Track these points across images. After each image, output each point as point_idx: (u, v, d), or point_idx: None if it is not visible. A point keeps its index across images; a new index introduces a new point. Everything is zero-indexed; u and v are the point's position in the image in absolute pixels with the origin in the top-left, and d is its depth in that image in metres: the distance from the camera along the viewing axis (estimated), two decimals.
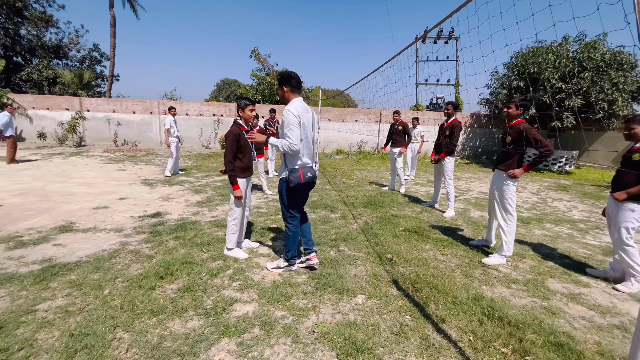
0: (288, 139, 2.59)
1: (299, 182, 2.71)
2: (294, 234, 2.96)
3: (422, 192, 6.83)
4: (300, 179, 2.71)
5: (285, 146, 2.60)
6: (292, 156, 2.74)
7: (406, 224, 4.47)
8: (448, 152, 5.10)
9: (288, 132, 2.59)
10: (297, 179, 2.70)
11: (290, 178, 2.69)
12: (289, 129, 2.59)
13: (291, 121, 2.60)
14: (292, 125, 2.60)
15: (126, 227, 4.00)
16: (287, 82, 2.74)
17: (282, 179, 2.83)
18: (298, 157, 2.76)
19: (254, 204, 5.30)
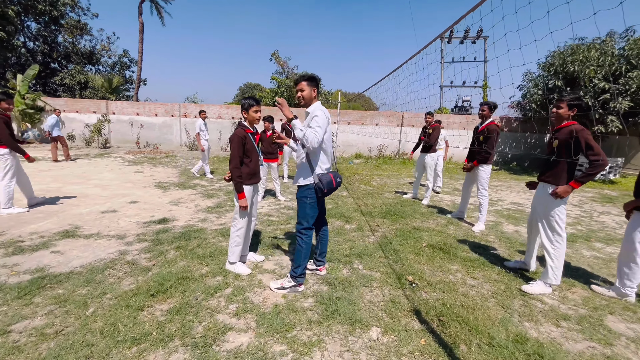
0: (314, 134, 2.37)
1: (332, 187, 2.53)
2: (306, 248, 2.65)
3: (447, 202, 6.28)
4: (333, 184, 2.53)
5: (310, 135, 2.36)
6: (317, 159, 2.55)
7: (430, 238, 4.00)
8: (482, 160, 4.55)
9: (315, 125, 2.42)
10: (329, 184, 2.51)
11: (322, 183, 2.49)
12: (317, 126, 2.42)
13: (321, 122, 2.43)
14: (320, 124, 2.43)
15: (129, 233, 3.82)
16: (317, 84, 2.61)
17: (308, 187, 2.57)
18: (325, 161, 2.59)
19: (265, 211, 5.01)
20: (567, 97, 2.81)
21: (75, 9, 22.20)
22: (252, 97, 2.86)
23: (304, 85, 2.54)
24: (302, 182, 2.58)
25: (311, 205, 2.60)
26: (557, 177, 2.81)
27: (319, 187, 2.50)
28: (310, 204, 2.60)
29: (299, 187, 2.64)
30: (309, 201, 2.59)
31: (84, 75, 17.97)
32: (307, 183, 2.55)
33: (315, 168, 2.55)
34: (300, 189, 2.63)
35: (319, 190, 2.52)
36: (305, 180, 2.56)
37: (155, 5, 20.87)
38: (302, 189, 2.60)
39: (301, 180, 2.59)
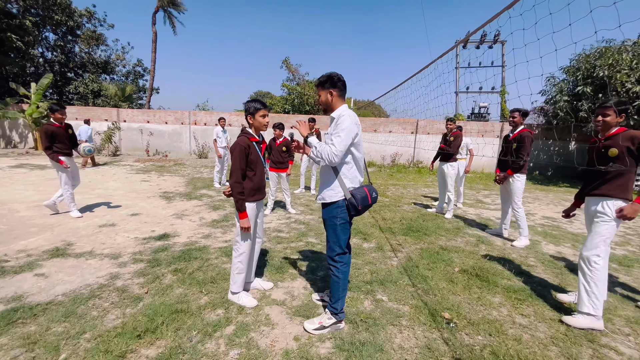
0: (331, 146, 2.01)
1: (367, 204, 2.13)
2: (344, 277, 2.23)
3: (472, 215, 5.74)
4: (368, 199, 2.13)
5: (325, 153, 2.01)
6: (348, 171, 2.16)
7: (461, 261, 3.50)
8: (515, 169, 4.08)
9: (334, 138, 2.03)
10: (364, 200, 2.12)
11: (356, 199, 2.10)
12: (337, 135, 2.03)
13: (346, 128, 2.03)
14: (345, 132, 2.02)
15: (125, 252, 3.45)
16: (334, 84, 2.17)
17: (337, 204, 2.16)
18: (356, 173, 2.21)
19: (274, 226, 4.59)
20: (613, 103, 2.47)
21: (91, 20, 22.77)
22: (258, 100, 2.47)
23: (318, 90, 2.24)
24: (331, 199, 2.15)
25: (342, 226, 2.18)
26: (621, 190, 2.40)
27: (352, 204, 2.09)
28: (341, 225, 2.17)
29: (326, 205, 2.21)
30: (340, 222, 2.16)
31: (97, 84, 18.19)
32: (337, 199, 2.14)
33: (346, 181, 2.14)
34: (327, 208, 2.20)
35: (351, 207, 2.10)
36: (334, 197, 2.14)
37: (168, 15, 21.15)
38: (331, 208, 2.17)
39: (329, 197, 2.16)
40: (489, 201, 7.20)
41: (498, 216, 5.76)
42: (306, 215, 5.29)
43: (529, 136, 4.01)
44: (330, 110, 2.22)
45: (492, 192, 8.39)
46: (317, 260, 3.43)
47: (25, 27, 14.96)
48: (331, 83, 2.16)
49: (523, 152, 4.03)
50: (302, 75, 16.81)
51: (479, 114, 17.44)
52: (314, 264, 3.34)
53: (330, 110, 2.21)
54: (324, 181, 2.23)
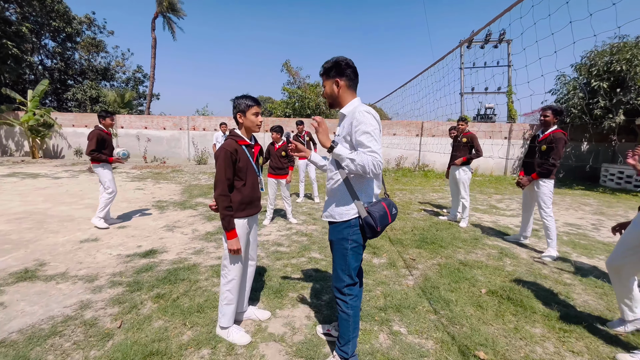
0: (371, 154, 1.56)
1: (386, 223, 1.73)
2: (354, 314, 1.80)
3: (487, 222, 5.29)
4: (388, 218, 1.73)
5: (369, 164, 1.55)
6: (363, 183, 1.76)
7: (487, 280, 3.05)
8: (543, 173, 3.65)
9: (368, 142, 1.59)
10: (383, 219, 1.71)
11: (374, 218, 1.66)
12: (369, 137, 1.60)
13: (371, 127, 1.61)
14: (376, 130, 1.62)
15: (104, 272, 3.04)
16: (342, 71, 1.73)
17: (349, 223, 1.74)
18: (373, 185, 1.81)
19: (273, 239, 4.17)
20: None
21: (91, 27, 22.70)
22: (248, 96, 2.07)
23: (323, 80, 1.83)
24: (341, 217, 1.74)
25: (354, 251, 1.76)
26: None
27: (369, 224, 1.66)
28: (353, 249, 1.75)
29: (334, 224, 1.80)
30: (351, 245, 1.74)
31: (95, 90, 17.98)
32: (349, 218, 1.72)
33: (361, 196, 1.73)
34: (335, 227, 1.78)
35: (368, 228, 1.68)
36: (346, 214, 1.73)
37: (167, 20, 21.00)
38: (340, 227, 1.76)
39: (339, 215, 1.75)
40: (503, 206, 6.74)
41: (516, 223, 5.31)
42: (308, 225, 4.87)
43: (562, 138, 3.58)
44: (337, 104, 1.80)
45: (504, 197, 7.93)
46: (322, 281, 3.00)
47: (22, 34, 14.78)
48: (338, 70, 1.73)
49: (554, 156, 3.60)
50: (302, 79, 16.51)
51: (485, 115, 17.00)
52: (318, 285, 2.91)
53: (338, 105, 1.80)
54: (333, 196, 1.81)
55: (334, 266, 1.82)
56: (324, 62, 1.79)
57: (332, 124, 12.84)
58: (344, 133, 1.71)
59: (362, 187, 1.75)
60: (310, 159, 2.08)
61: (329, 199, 1.86)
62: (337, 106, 1.82)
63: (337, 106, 1.82)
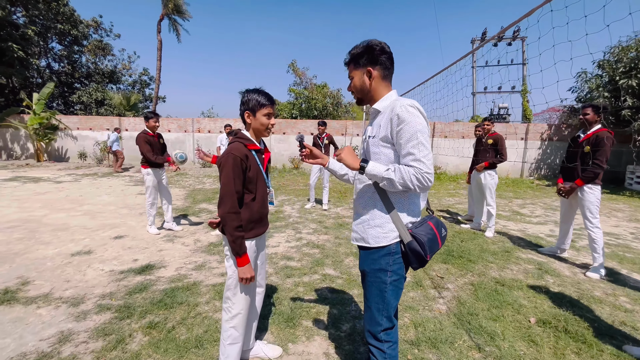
0: (416, 164, 1.22)
1: (436, 250, 1.36)
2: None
3: (514, 230, 4.84)
4: (438, 242, 1.35)
5: (413, 178, 1.22)
6: (405, 196, 1.37)
7: (533, 305, 2.62)
8: (588, 178, 3.23)
9: (413, 147, 1.24)
10: (432, 243, 1.31)
11: (422, 244, 1.27)
12: (414, 141, 1.24)
13: (418, 127, 1.25)
14: (421, 133, 1.25)
15: (92, 293, 2.69)
16: (376, 58, 1.35)
17: (389, 250, 1.34)
18: (417, 202, 1.42)
19: (281, 251, 3.78)
20: None
21: (98, 31, 22.74)
22: (262, 91, 1.69)
23: (350, 70, 1.44)
24: (377, 242, 1.35)
25: (395, 285, 1.36)
26: None
27: (415, 252, 1.28)
28: (393, 283, 1.35)
29: (367, 251, 1.40)
30: (392, 278, 1.34)
31: (101, 93, 17.89)
32: (388, 243, 1.33)
33: (403, 215, 1.35)
34: (369, 255, 1.39)
35: (414, 257, 1.29)
36: (384, 238, 1.34)
37: (172, 22, 20.89)
38: (376, 255, 1.36)
39: (374, 238, 1.36)
40: (527, 212, 6.27)
41: (546, 232, 4.85)
42: (319, 235, 4.47)
43: (608, 137, 3.16)
44: (368, 99, 1.43)
45: (525, 201, 7.44)
46: (340, 305, 2.60)
47: (27, 37, 14.72)
48: (370, 57, 1.35)
49: (600, 158, 3.17)
50: (309, 79, 16.17)
51: (499, 115, 16.43)
52: (336, 311, 2.51)
53: (370, 100, 1.43)
54: (363, 211, 1.42)
55: (367, 303, 1.42)
56: (352, 47, 1.40)
57: (339, 125, 12.46)
58: (382, 134, 1.33)
59: (403, 202, 1.36)
60: (328, 167, 1.68)
61: (358, 216, 1.46)
62: (367, 102, 1.44)
63: (367, 102, 1.44)
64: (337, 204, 6.51)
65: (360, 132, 12.19)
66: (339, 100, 15.70)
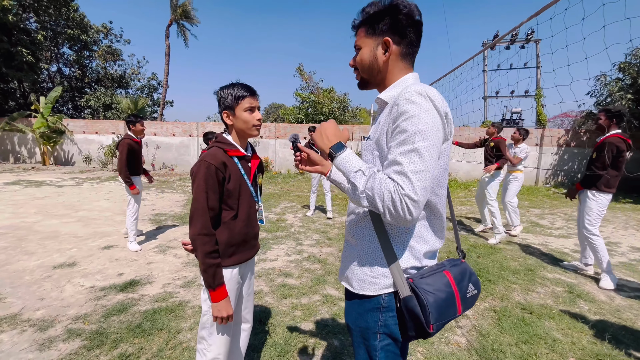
0: (402, 179, 0.77)
1: (452, 317, 0.89)
2: None
3: (535, 244, 4.43)
4: (456, 306, 0.89)
5: (385, 197, 0.77)
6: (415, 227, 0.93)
7: (569, 339, 2.24)
8: (586, 183, 3.20)
9: (405, 158, 0.79)
10: (446, 308, 0.87)
11: (422, 303, 0.83)
12: (409, 150, 0.79)
13: (423, 128, 0.80)
14: (422, 141, 0.79)
15: (65, 315, 2.41)
16: (399, 28, 0.92)
17: (380, 302, 0.93)
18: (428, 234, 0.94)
19: (280, 266, 3.46)
20: None
21: (108, 36, 23.05)
22: (238, 84, 1.38)
23: (359, 36, 0.99)
24: (363, 288, 0.96)
25: (388, 351, 0.93)
26: None
27: (412, 315, 0.85)
28: (385, 348, 0.93)
29: (353, 299, 1.00)
30: (383, 342, 0.92)
31: (109, 97, 17.99)
32: (377, 293, 0.93)
33: (400, 250, 0.92)
34: (355, 305, 1.00)
35: (411, 322, 0.86)
36: (372, 284, 0.94)
37: (180, 27, 21.03)
38: (362, 307, 0.97)
39: (359, 281, 0.97)
40: (547, 223, 5.84)
41: (571, 246, 4.44)
42: (322, 247, 4.14)
43: (612, 143, 3.11)
44: (376, 83, 1.01)
45: (544, 211, 6.99)
46: (342, 334, 2.26)
47: (37, 42, 14.90)
48: (393, 23, 0.92)
49: (597, 163, 3.12)
50: (315, 83, 15.96)
51: (511, 119, 15.92)
52: (337, 342, 2.17)
53: (378, 85, 1.01)
54: (350, 239, 1.04)
55: None
56: (369, 3, 0.96)
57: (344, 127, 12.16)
58: (377, 135, 0.93)
59: (402, 234, 0.92)
60: (330, 176, 1.31)
61: (346, 245, 1.08)
62: (375, 85, 1.02)
63: (375, 85, 1.02)
64: (342, 212, 6.17)
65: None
66: (345, 104, 15.44)
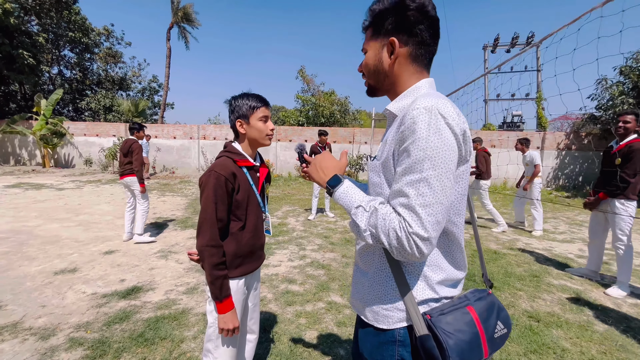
0: (409, 214, 0.68)
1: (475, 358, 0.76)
2: None
3: (539, 249, 4.40)
4: (483, 350, 0.76)
5: (392, 236, 0.69)
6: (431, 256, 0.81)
7: (578, 349, 2.20)
8: (613, 192, 3.06)
9: (411, 189, 0.69)
10: (471, 351, 0.74)
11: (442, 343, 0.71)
12: (417, 180, 0.69)
13: (433, 154, 0.69)
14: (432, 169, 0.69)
15: (67, 323, 2.38)
16: (408, 26, 0.80)
17: (394, 337, 0.80)
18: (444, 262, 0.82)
19: (283, 272, 3.43)
20: None
21: (109, 39, 23.10)
22: (252, 94, 1.37)
23: (367, 38, 0.90)
24: (377, 321, 0.84)
25: None
26: None
27: (430, 355, 0.72)
28: None
29: (366, 328, 0.88)
30: None
31: (109, 100, 18.00)
32: (392, 327, 0.80)
33: (415, 281, 0.80)
34: (368, 336, 0.86)
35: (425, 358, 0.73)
36: (386, 317, 0.82)
37: (182, 30, 21.09)
38: (376, 339, 0.84)
39: (373, 313, 0.85)
40: (550, 228, 5.82)
41: (575, 252, 4.41)
42: (325, 252, 4.11)
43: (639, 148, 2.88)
44: (385, 90, 0.91)
45: (546, 215, 6.95)
46: (348, 344, 2.23)
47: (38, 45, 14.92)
48: (399, 20, 0.81)
49: (628, 170, 2.99)
50: (317, 86, 15.97)
51: (512, 122, 15.92)
52: (343, 352, 2.14)
53: (388, 91, 0.91)
54: (362, 265, 0.92)
55: None
56: (372, 3, 0.87)
57: (347, 132, 12.15)
58: (384, 155, 0.82)
59: (418, 263, 0.81)
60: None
61: (356, 269, 0.97)
62: (384, 92, 0.92)
63: (384, 92, 0.92)
64: (344, 216, 6.14)
65: (369, 140, 11.84)
66: (346, 107, 15.45)
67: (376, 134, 11.49)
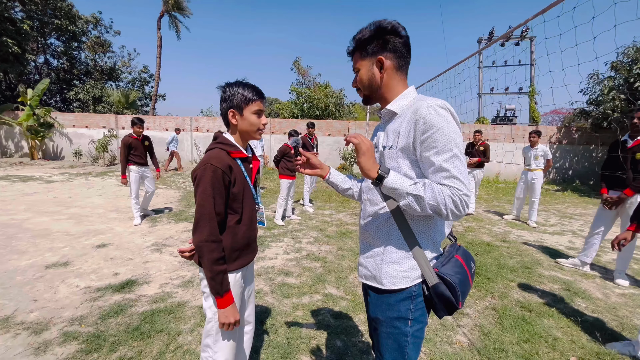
0: (455, 182, 0.92)
1: (467, 291, 1.07)
2: None
3: (531, 241, 4.48)
4: (469, 282, 1.07)
5: (447, 202, 0.91)
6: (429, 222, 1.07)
7: (569, 338, 2.26)
8: (639, 188, 2.98)
9: (446, 161, 0.94)
10: (464, 285, 1.03)
11: (450, 285, 0.99)
12: (450, 157, 0.94)
13: (454, 137, 0.95)
14: (456, 143, 0.95)
15: (60, 317, 2.34)
16: (387, 45, 1.05)
17: (410, 293, 1.03)
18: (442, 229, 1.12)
19: (279, 264, 3.43)
20: None
21: (97, 27, 22.41)
22: (248, 84, 1.33)
23: (356, 60, 1.12)
24: (394, 284, 1.04)
25: (417, 336, 1.05)
26: None
27: (444, 298, 0.99)
28: (415, 334, 1.04)
29: (381, 294, 1.08)
30: (414, 328, 1.03)
31: (98, 90, 17.54)
32: (408, 285, 1.03)
33: (425, 243, 1.05)
34: (384, 299, 1.07)
35: (441, 304, 1.00)
36: (402, 278, 1.03)
37: (172, 19, 20.56)
38: (393, 300, 1.05)
39: (390, 278, 1.05)
40: (541, 220, 5.91)
41: (566, 243, 4.51)
42: (321, 245, 4.12)
43: None
44: (378, 97, 1.12)
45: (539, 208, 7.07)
46: (345, 335, 2.25)
47: (23, 32, 14.40)
48: (382, 42, 1.04)
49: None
50: (312, 78, 15.82)
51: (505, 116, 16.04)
52: (340, 343, 2.16)
53: (380, 98, 1.12)
54: (373, 242, 1.11)
55: (380, 357, 1.10)
56: (358, 31, 1.09)
57: (341, 125, 12.11)
58: (402, 143, 1.01)
59: (427, 230, 1.06)
60: (328, 179, 1.32)
61: (368, 248, 1.14)
62: (377, 100, 1.14)
63: (377, 100, 1.14)
64: (339, 209, 6.16)
65: (363, 133, 11.81)
66: (341, 100, 15.36)
67: (370, 127, 11.47)
